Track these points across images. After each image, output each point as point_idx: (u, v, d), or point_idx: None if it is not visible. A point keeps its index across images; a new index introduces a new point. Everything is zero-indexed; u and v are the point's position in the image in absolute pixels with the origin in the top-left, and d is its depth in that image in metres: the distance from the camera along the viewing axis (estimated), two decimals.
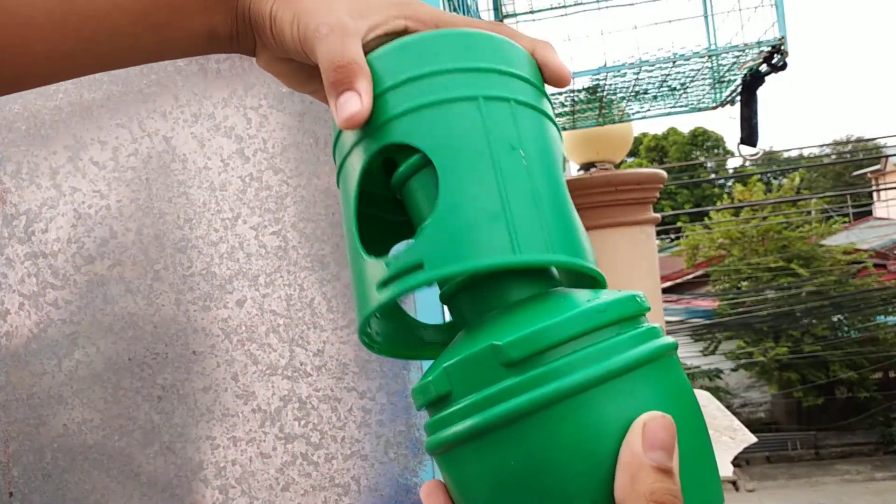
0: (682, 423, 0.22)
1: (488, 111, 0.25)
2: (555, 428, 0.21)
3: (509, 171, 0.25)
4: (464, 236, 0.23)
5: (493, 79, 0.26)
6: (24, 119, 0.79)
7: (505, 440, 0.21)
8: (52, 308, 0.79)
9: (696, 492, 0.22)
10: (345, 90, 0.27)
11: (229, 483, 0.76)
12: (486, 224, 0.23)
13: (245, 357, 0.75)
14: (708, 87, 1.47)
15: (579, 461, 0.21)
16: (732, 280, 10.73)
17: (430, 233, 0.24)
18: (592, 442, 0.21)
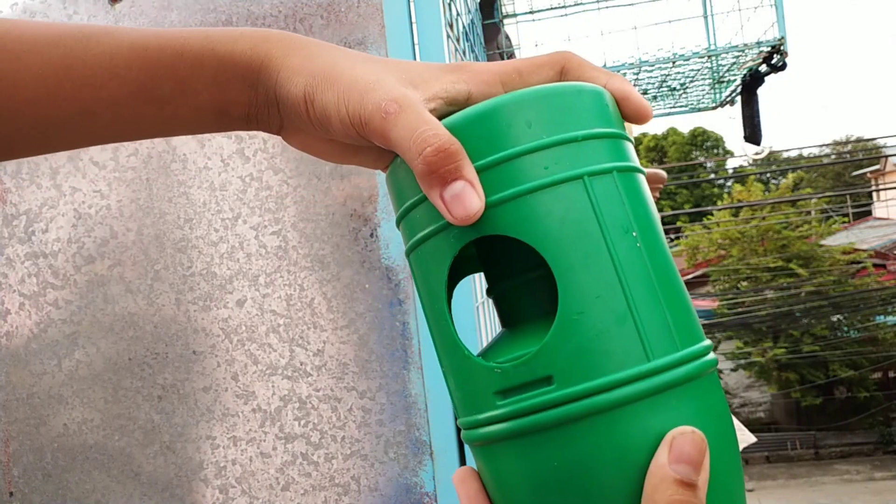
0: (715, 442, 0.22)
1: (596, 191, 0.23)
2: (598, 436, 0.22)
3: (627, 261, 0.23)
4: (594, 346, 0.22)
5: (592, 147, 0.23)
6: None
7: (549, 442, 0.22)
8: (53, 308, 0.79)
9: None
10: (453, 179, 0.23)
11: (229, 482, 0.76)
12: (616, 330, 0.22)
13: (245, 357, 0.75)
14: (707, 88, 1.47)
15: (617, 469, 0.21)
16: (732, 280, 10.74)
17: (557, 343, 0.22)
18: (631, 452, 0.22)
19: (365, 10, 0.73)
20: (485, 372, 0.23)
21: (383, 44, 0.72)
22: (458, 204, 0.23)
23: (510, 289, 0.26)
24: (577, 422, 0.22)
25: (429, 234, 0.24)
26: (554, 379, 0.22)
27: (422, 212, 0.24)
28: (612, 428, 0.22)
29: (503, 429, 0.23)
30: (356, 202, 0.74)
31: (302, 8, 0.74)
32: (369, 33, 0.73)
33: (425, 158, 0.23)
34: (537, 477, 0.22)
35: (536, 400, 0.22)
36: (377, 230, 0.73)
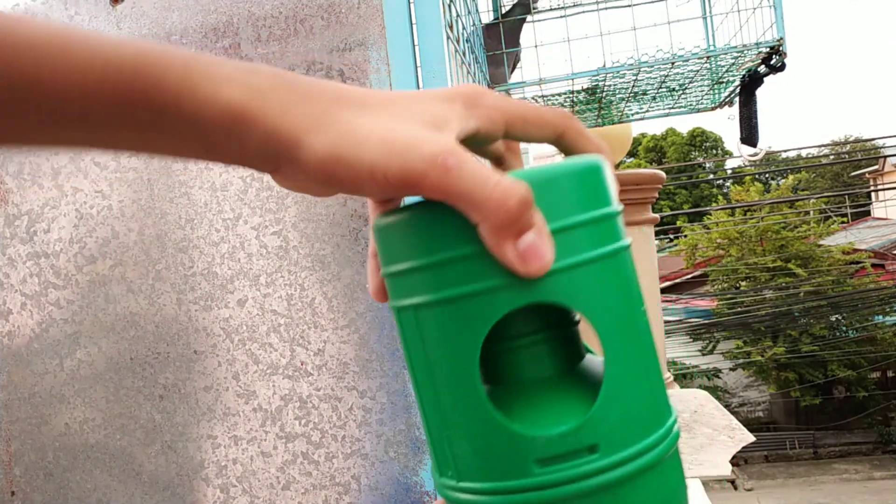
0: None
1: (626, 265, 0.24)
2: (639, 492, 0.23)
3: (646, 333, 0.25)
4: (632, 416, 0.23)
5: (616, 224, 0.25)
6: None
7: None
8: (54, 308, 0.79)
9: None
10: (525, 231, 0.22)
11: (230, 482, 0.76)
12: (648, 397, 0.24)
13: (246, 356, 0.76)
14: (707, 88, 1.47)
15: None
16: (731, 280, 10.75)
17: (603, 412, 0.23)
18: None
19: (365, 11, 0.73)
20: (524, 440, 0.23)
21: (383, 45, 0.72)
22: (533, 256, 0.22)
23: (510, 350, 0.25)
24: (621, 485, 0.23)
25: (474, 292, 0.23)
26: (599, 447, 0.23)
27: (469, 266, 0.23)
28: (641, 487, 0.23)
29: (544, 496, 0.23)
30: (357, 202, 0.74)
31: (302, 9, 0.74)
32: (369, 34, 0.73)
33: (508, 210, 0.22)
34: None
35: (582, 469, 0.23)
36: None
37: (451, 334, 0.24)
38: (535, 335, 0.25)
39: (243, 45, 0.75)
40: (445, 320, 0.24)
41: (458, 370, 0.23)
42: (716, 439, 1.29)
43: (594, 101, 1.52)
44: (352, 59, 0.74)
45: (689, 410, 1.49)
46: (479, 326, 0.23)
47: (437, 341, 0.24)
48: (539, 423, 0.23)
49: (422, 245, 0.24)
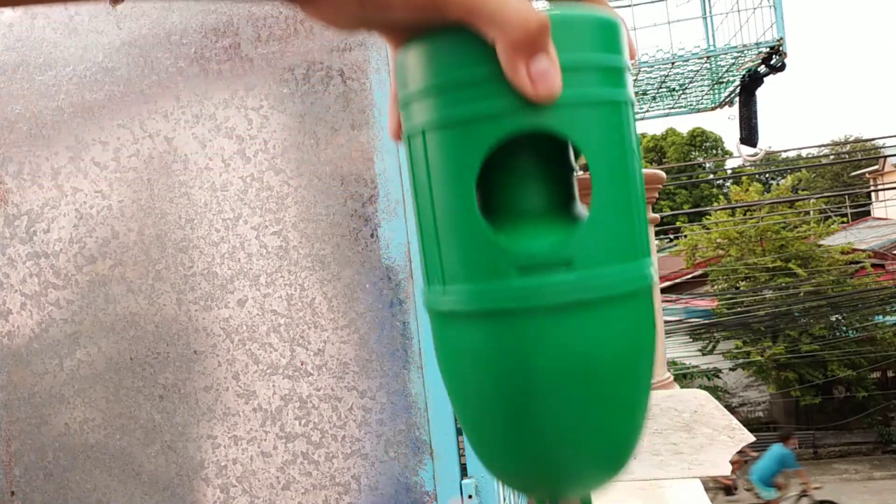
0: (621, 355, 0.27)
1: (627, 116, 0.27)
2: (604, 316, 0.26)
3: (636, 178, 0.27)
4: (612, 243, 0.26)
5: (626, 78, 0.27)
6: (26, 120, 0.79)
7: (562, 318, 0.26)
8: (54, 308, 0.79)
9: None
10: (543, 52, 0.23)
11: (230, 482, 0.76)
12: (627, 231, 0.26)
13: (246, 356, 0.76)
14: (707, 88, 1.47)
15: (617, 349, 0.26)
16: (731, 280, 10.75)
17: (582, 235, 0.25)
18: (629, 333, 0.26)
19: None
20: (508, 250, 0.25)
21: (383, 44, 0.72)
22: (544, 80, 0.23)
23: (507, 180, 0.28)
24: (588, 306, 0.25)
25: (480, 114, 0.25)
26: (574, 264, 0.25)
27: (479, 90, 0.25)
28: (607, 311, 0.26)
29: (519, 300, 0.25)
30: (356, 202, 0.74)
31: None
32: (369, 34, 0.73)
33: (527, 29, 0.23)
34: (538, 346, 0.26)
35: (556, 279, 0.25)
36: (377, 230, 0.74)
37: (456, 152, 0.26)
38: (533, 170, 0.27)
39: (243, 45, 0.75)
40: (452, 138, 0.26)
41: (458, 186, 0.26)
42: (716, 439, 1.29)
43: None
44: (352, 59, 0.74)
45: (690, 410, 1.49)
46: (482, 145, 0.25)
47: (443, 159, 0.26)
48: (522, 239, 0.26)
49: (437, 66, 0.26)
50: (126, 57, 0.77)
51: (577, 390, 0.26)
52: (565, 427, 0.26)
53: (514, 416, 0.27)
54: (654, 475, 1.13)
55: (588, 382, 0.26)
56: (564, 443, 0.27)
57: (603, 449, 0.28)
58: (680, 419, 1.44)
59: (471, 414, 0.28)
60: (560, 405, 0.26)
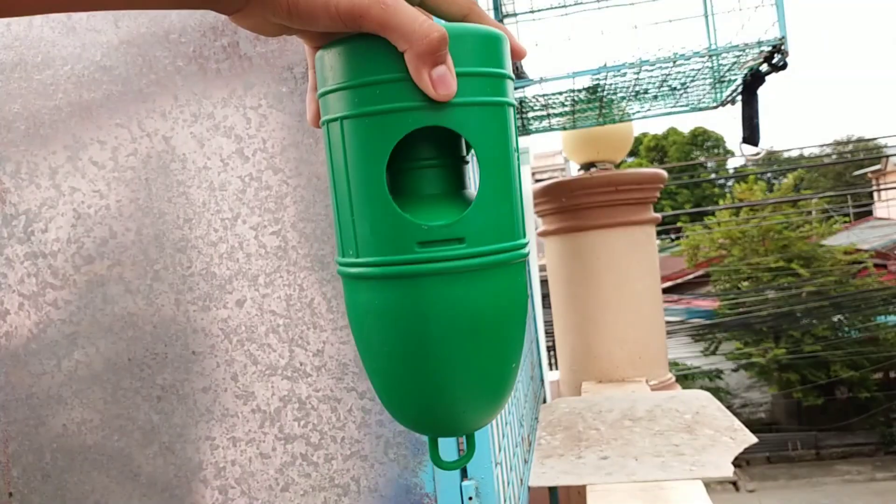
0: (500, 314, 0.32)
1: (508, 116, 0.32)
2: (493, 283, 0.32)
3: (515, 169, 0.33)
4: (495, 223, 0.31)
5: (507, 84, 0.32)
6: (24, 119, 0.78)
7: (455, 283, 0.31)
8: (52, 308, 0.78)
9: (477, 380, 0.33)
10: (441, 62, 0.29)
11: (229, 483, 0.76)
12: (508, 214, 0.32)
13: (245, 357, 0.75)
14: (708, 87, 1.47)
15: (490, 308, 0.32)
16: (733, 280, 10.73)
17: (472, 216, 0.31)
18: (502, 296, 0.32)
19: None
20: (412, 226, 0.30)
21: None
22: (443, 84, 0.29)
23: (411, 169, 0.33)
24: (476, 272, 0.31)
25: (392, 109, 0.30)
26: (465, 239, 0.31)
27: (390, 89, 0.30)
28: (490, 278, 0.32)
29: (420, 269, 0.31)
30: None
31: None
32: None
33: (430, 41, 0.28)
34: (435, 306, 0.31)
35: (450, 252, 0.31)
36: None
37: (369, 140, 0.30)
38: (432, 160, 0.33)
39: (242, 44, 0.75)
40: (366, 128, 0.30)
41: (370, 169, 0.30)
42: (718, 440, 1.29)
43: (595, 101, 1.52)
44: None
45: (692, 411, 1.48)
46: (391, 136, 0.30)
47: (357, 145, 0.31)
48: (424, 218, 0.31)
49: (355, 68, 0.31)
50: (124, 56, 0.76)
51: (463, 340, 0.31)
52: (455, 372, 0.32)
53: (412, 364, 0.32)
54: (656, 476, 1.12)
55: (473, 334, 0.32)
56: (454, 385, 0.32)
57: (485, 390, 0.33)
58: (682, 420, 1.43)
59: (376, 364, 0.33)
60: (450, 353, 0.31)
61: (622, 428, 1.42)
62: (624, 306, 2.10)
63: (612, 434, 1.38)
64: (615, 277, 2.10)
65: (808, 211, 11.96)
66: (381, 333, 0.32)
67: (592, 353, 2.13)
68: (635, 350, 2.11)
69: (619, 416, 1.51)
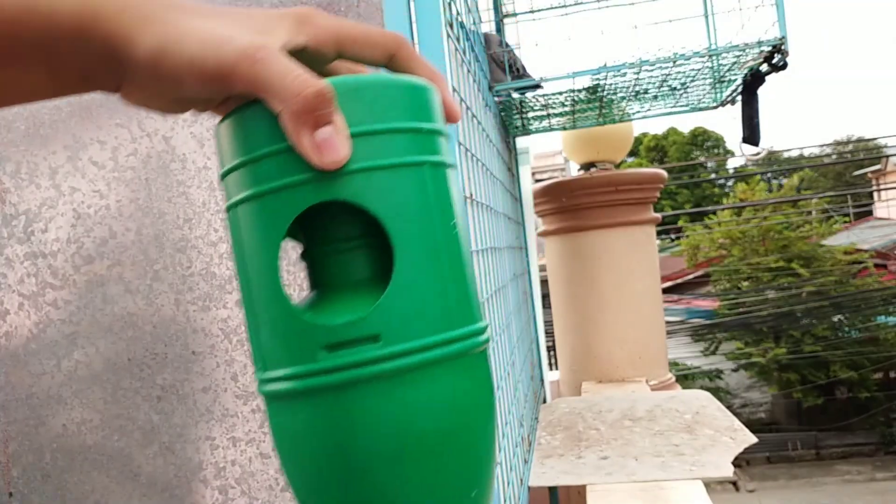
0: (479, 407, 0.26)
1: (432, 178, 0.26)
2: (414, 389, 0.25)
3: (448, 244, 0.27)
4: (419, 312, 0.25)
5: (432, 140, 0.27)
6: (24, 119, 0.78)
7: (372, 393, 0.25)
8: (52, 308, 0.78)
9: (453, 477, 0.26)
10: (325, 123, 0.24)
11: (229, 483, 0.76)
12: (436, 301, 0.26)
13: (244, 357, 0.75)
14: (708, 87, 1.47)
15: (424, 421, 0.25)
16: (733, 280, 10.73)
17: (387, 307, 0.25)
18: (434, 408, 0.25)
19: (365, 9, 0.73)
20: (313, 328, 0.25)
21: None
22: (329, 148, 0.24)
23: (326, 254, 0.27)
24: (400, 376, 0.25)
25: (277, 188, 0.25)
26: (381, 337, 0.25)
27: (273, 164, 0.25)
28: (424, 383, 0.25)
29: (329, 380, 0.25)
30: None
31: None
32: None
33: (305, 98, 0.24)
34: (354, 426, 0.25)
35: (363, 356, 0.25)
36: None
37: (259, 227, 0.26)
38: (351, 241, 0.27)
39: None
40: (255, 214, 0.26)
41: (263, 262, 0.25)
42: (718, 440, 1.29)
43: (595, 100, 1.52)
44: None
45: (692, 412, 1.48)
46: (282, 220, 0.25)
47: (248, 235, 0.26)
48: (330, 315, 0.26)
49: (242, 143, 0.26)
50: None
51: (402, 469, 0.25)
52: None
53: (344, 496, 0.25)
54: (656, 476, 1.12)
55: (416, 456, 0.25)
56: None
57: None
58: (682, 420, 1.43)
59: (305, 495, 0.27)
60: (387, 482, 0.25)
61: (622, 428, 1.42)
62: (624, 306, 2.10)
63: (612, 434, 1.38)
64: (615, 277, 2.10)
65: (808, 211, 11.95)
66: (304, 460, 0.26)
67: (592, 353, 2.13)
68: (635, 350, 2.11)
69: (619, 416, 1.51)
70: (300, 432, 0.26)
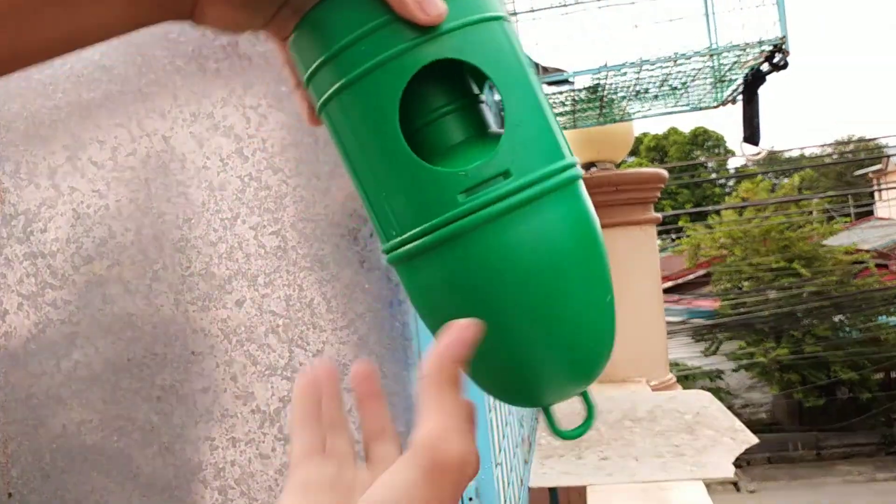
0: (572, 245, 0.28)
1: (509, 30, 0.29)
2: (552, 210, 0.27)
3: (537, 87, 0.29)
4: (534, 146, 0.28)
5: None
6: (23, 118, 0.78)
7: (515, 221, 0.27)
8: (51, 308, 0.78)
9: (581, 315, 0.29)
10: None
11: (228, 484, 0.76)
12: (543, 135, 0.28)
13: (244, 358, 0.75)
14: (709, 87, 1.47)
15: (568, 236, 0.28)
16: (734, 280, 10.72)
17: (509, 144, 0.27)
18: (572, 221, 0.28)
19: None
20: (451, 177, 0.27)
21: None
22: (430, 4, 0.26)
23: (429, 123, 0.29)
24: (531, 204, 0.27)
25: (384, 60, 0.27)
26: (510, 172, 0.27)
27: (372, 42, 0.27)
28: (548, 209, 0.28)
29: (472, 220, 0.27)
30: (356, 202, 0.74)
31: None
32: None
33: None
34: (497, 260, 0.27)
35: (499, 191, 0.27)
36: None
37: (372, 103, 0.27)
38: (444, 108, 0.29)
39: (242, 44, 0.75)
40: (365, 91, 0.27)
41: (387, 135, 0.27)
42: (719, 441, 1.29)
43: (596, 100, 1.51)
44: None
45: (692, 412, 1.48)
46: (395, 88, 0.27)
47: (363, 111, 0.27)
48: (462, 163, 0.28)
49: (330, 35, 0.27)
50: (123, 55, 0.76)
51: (551, 282, 0.27)
52: (537, 331, 0.28)
53: (490, 333, 0.27)
54: (656, 477, 1.12)
55: (556, 272, 0.27)
56: (538, 347, 0.28)
57: (575, 346, 0.29)
58: (682, 421, 1.43)
59: None
60: (526, 310, 0.27)
61: (623, 428, 1.41)
62: (624, 306, 2.10)
63: (613, 434, 1.38)
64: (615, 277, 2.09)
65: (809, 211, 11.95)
66: (448, 309, 0.28)
67: None
68: (636, 350, 2.11)
69: (619, 416, 1.50)
70: (452, 280, 0.28)
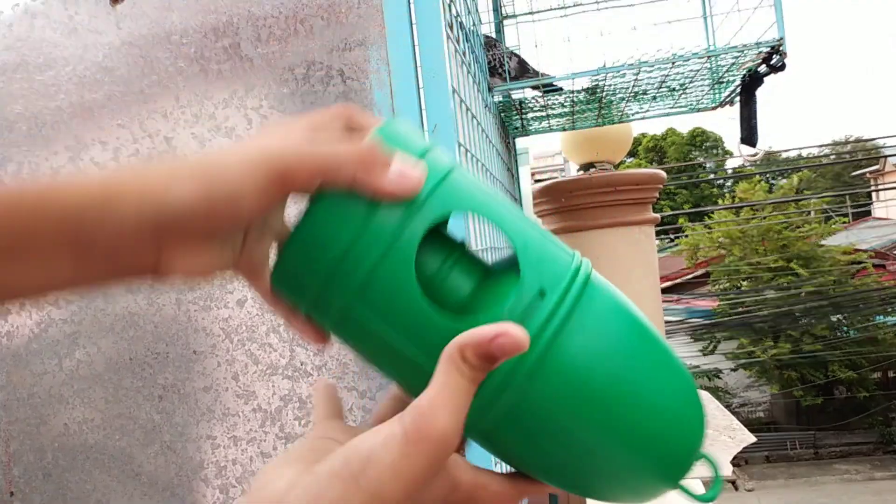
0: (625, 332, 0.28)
1: (469, 173, 0.30)
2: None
3: (517, 210, 0.30)
4: (549, 258, 0.28)
5: (439, 152, 0.30)
6: (25, 119, 0.79)
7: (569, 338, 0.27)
8: (53, 307, 0.79)
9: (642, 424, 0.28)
10: (384, 164, 0.27)
11: (230, 482, 0.76)
12: (549, 243, 0.29)
13: (245, 357, 0.76)
14: (707, 88, 1.47)
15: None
16: (732, 280, 10.73)
17: (528, 267, 0.27)
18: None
19: (365, 10, 0.73)
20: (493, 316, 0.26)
21: (383, 44, 0.72)
22: (407, 175, 0.27)
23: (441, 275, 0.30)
24: (575, 309, 0.27)
25: (383, 252, 0.27)
26: (544, 289, 0.27)
27: (360, 248, 0.27)
28: (592, 302, 0.28)
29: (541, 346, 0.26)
30: None
31: (302, 9, 0.74)
32: (369, 34, 0.73)
33: (363, 154, 0.27)
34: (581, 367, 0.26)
35: (545, 309, 0.26)
36: None
37: (394, 291, 0.27)
38: (447, 262, 0.30)
39: (243, 45, 0.75)
40: (382, 287, 0.27)
41: (417, 313, 0.27)
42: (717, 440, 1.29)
43: (594, 101, 1.52)
44: (352, 58, 0.74)
45: None
46: (408, 267, 0.26)
47: (388, 307, 0.27)
48: (490, 307, 0.28)
49: (326, 246, 0.27)
50: (126, 57, 0.77)
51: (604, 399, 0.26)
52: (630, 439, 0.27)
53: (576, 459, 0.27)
54: None
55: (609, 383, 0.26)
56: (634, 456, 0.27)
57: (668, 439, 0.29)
58: None
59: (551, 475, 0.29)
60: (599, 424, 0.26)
61: None
62: None
63: None
64: (614, 277, 2.10)
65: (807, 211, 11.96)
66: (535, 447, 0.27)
67: None
68: None
69: None
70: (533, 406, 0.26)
